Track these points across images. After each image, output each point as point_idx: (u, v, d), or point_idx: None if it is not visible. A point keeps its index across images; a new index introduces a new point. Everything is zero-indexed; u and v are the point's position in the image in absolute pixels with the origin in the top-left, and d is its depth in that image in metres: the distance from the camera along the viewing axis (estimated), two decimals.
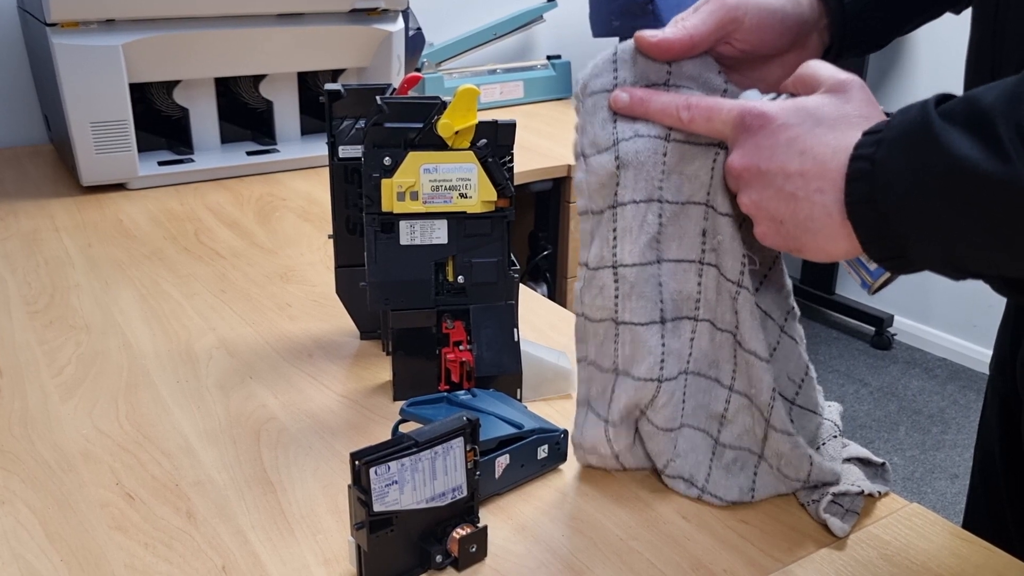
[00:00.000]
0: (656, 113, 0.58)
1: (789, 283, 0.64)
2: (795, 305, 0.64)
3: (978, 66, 0.62)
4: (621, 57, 0.60)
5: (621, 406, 0.63)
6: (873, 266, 0.53)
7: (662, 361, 0.62)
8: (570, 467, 0.67)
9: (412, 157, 0.70)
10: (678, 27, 0.58)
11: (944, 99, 0.47)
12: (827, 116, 0.51)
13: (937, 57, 2.67)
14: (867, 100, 0.52)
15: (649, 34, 0.58)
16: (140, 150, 1.33)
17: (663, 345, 0.62)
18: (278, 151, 1.46)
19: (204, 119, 1.43)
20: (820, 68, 0.54)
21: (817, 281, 3.05)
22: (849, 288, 3.07)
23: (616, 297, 0.61)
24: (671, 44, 0.58)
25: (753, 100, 0.55)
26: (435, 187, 0.71)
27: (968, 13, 0.65)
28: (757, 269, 0.61)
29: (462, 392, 0.69)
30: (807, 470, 0.61)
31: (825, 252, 0.52)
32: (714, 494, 0.63)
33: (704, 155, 0.59)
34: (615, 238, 0.61)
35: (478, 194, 0.71)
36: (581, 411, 0.65)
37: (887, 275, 0.54)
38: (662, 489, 0.64)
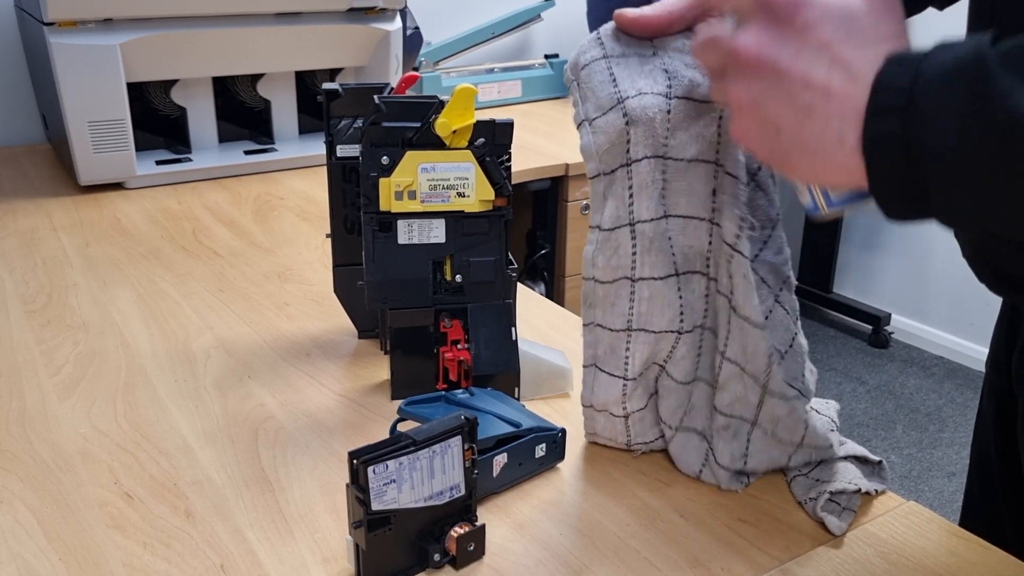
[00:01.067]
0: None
1: (788, 251, 0.63)
2: (791, 275, 0.63)
3: None
4: (605, 35, 0.61)
5: (640, 361, 0.63)
6: (836, 194, 0.50)
7: (681, 313, 0.62)
8: (568, 466, 0.67)
9: (410, 156, 0.70)
10: (657, 5, 0.59)
11: (997, 37, 0.41)
12: (864, 28, 0.45)
13: None
14: (901, 21, 0.45)
15: (629, 11, 0.59)
16: (138, 149, 1.32)
17: (680, 298, 0.62)
18: (276, 150, 1.46)
19: (202, 118, 1.43)
20: None
21: (815, 279, 3.05)
22: (847, 286, 3.07)
23: (634, 254, 0.61)
24: (650, 20, 0.59)
25: None
26: (433, 186, 0.71)
27: (963, 7, 0.65)
28: (756, 235, 0.61)
29: (460, 391, 0.69)
30: (801, 433, 0.61)
31: (816, 176, 0.47)
32: (716, 459, 0.63)
33: (708, 112, 0.59)
34: (631, 195, 0.61)
35: (476, 193, 0.71)
36: (589, 372, 0.66)
37: (849, 208, 0.50)
38: (660, 488, 0.64)
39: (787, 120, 0.46)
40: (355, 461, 0.51)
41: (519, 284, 0.81)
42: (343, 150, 0.79)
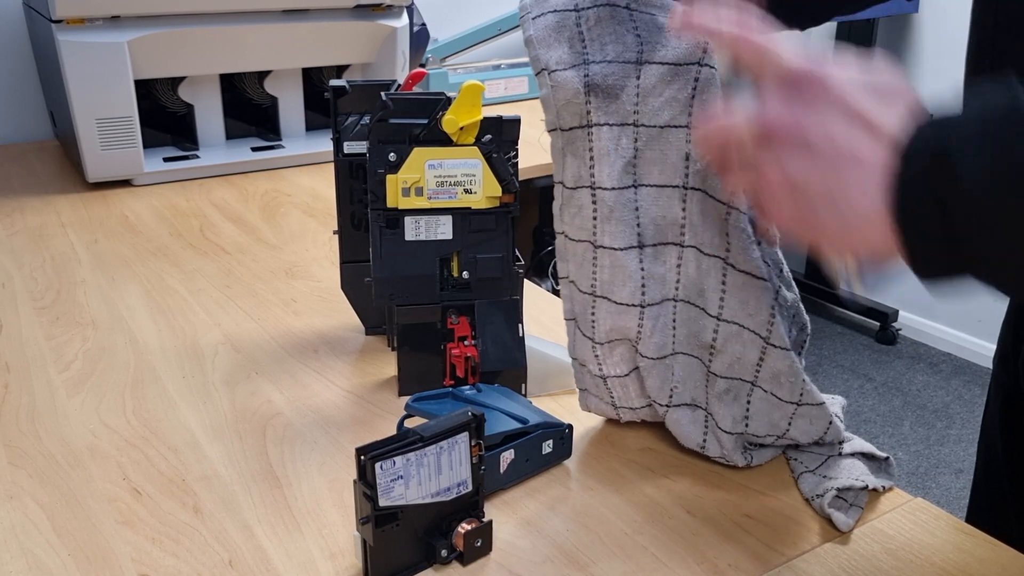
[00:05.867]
0: (700, 25, 0.51)
1: None
2: (773, 229, 0.62)
3: (979, 59, 0.62)
4: None
5: (605, 329, 0.64)
6: (869, 272, 0.49)
7: (643, 286, 0.62)
8: (575, 462, 0.67)
9: (417, 153, 0.70)
10: None
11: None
12: (884, 88, 0.44)
13: (939, 50, 2.66)
14: (903, 73, 0.45)
15: None
16: (145, 146, 1.33)
17: (642, 270, 0.62)
18: (283, 147, 1.46)
19: (209, 115, 1.43)
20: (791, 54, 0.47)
21: (821, 276, 3.04)
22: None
23: (595, 219, 0.61)
24: None
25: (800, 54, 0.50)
26: (440, 183, 0.71)
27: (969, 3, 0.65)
28: None
29: (467, 387, 0.69)
30: (800, 390, 0.61)
31: (851, 246, 0.45)
32: (718, 424, 0.63)
33: (684, 76, 0.58)
34: (592, 159, 0.60)
35: (483, 190, 0.71)
36: (570, 326, 0.67)
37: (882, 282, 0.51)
38: (667, 484, 0.64)
39: (823, 191, 0.44)
40: (363, 457, 0.51)
41: (526, 280, 0.81)
42: (350, 147, 0.80)
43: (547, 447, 0.65)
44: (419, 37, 1.75)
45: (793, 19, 0.64)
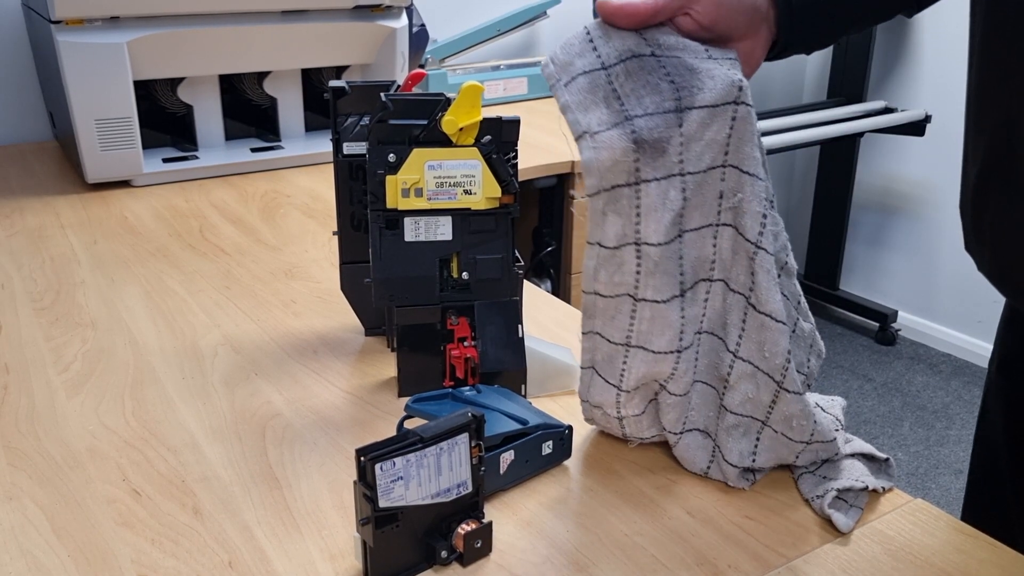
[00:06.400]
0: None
1: (785, 235, 0.62)
2: (790, 260, 0.62)
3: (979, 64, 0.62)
4: (595, 34, 0.59)
5: (636, 377, 0.62)
6: None
7: (681, 333, 0.61)
8: (575, 463, 0.67)
9: (416, 154, 0.70)
10: None
11: None
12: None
13: (939, 50, 2.66)
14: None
15: (611, 1, 0.58)
16: (145, 147, 1.33)
17: (683, 318, 0.61)
18: (282, 148, 1.46)
19: (208, 116, 1.43)
20: None
21: (821, 276, 3.05)
22: (853, 283, 3.07)
23: (637, 274, 0.59)
24: (635, 9, 0.58)
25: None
26: (439, 184, 0.71)
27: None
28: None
29: (467, 388, 0.69)
30: (811, 431, 0.61)
31: None
32: (724, 456, 0.63)
33: (722, 116, 0.58)
34: (638, 216, 0.58)
35: (482, 190, 0.71)
36: (587, 373, 0.65)
37: None
38: (667, 485, 0.64)
39: None
40: (362, 458, 0.51)
41: (525, 281, 0.81)
42: (350, 148, 0.80)
43: (547, 448, 0.65)
44: (418, 38, 1.75)
45: (799, 47, 0.64)
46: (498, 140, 0.71)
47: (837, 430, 0.65)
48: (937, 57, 2.68)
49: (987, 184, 0.64)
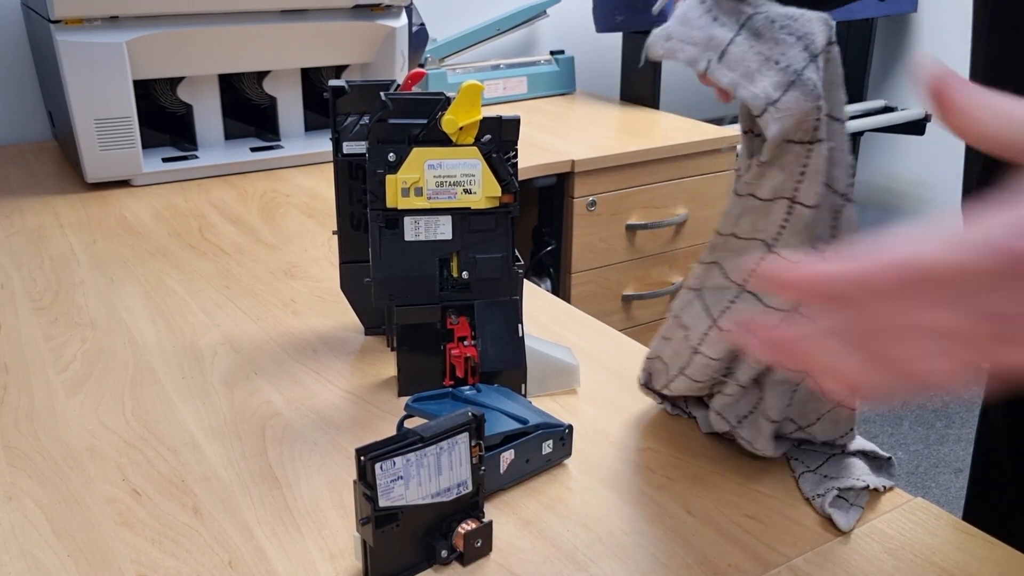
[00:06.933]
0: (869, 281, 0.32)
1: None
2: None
3: (976, 64, 0.62)
4: (710, 3, 0.55)
5: (734, 319, 0.59)
6: None
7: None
8: (575, 462, 0.67)
9: (416, 153, 0.70)
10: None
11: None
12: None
13: (938, 50, 2.66)
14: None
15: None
16: (144, 147, 1.33)
17: None
18: (282, 147, 1.46)
19: (208, 116, 1.43)
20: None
21: None
22: None
23: (782, 228, 0.56)
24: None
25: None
26: (439, 183, 0.71)
27: None
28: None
29: (467, 388, 0.69)
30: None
31: None
32: (767, 411, 0.62)
33: (829, 58, 0.54)
34: (802, 174, 0.55)
35: (482, 190, 0.71)
36: (687, 294, 0.62)
37: None
38: (667, 485, 0.64)
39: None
40: (362, 458, 0.51)
41: (525, 280, 0.81)
42: (349, 147, 0.80)
43: (547, 447, 0.65)
44: (418, 37, 1.75)
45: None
46: (498, 139, 0.71)
47: (852, 429, 0.65)
48: (937, 57, 2.68)
49: (988, 183, 0.64)
